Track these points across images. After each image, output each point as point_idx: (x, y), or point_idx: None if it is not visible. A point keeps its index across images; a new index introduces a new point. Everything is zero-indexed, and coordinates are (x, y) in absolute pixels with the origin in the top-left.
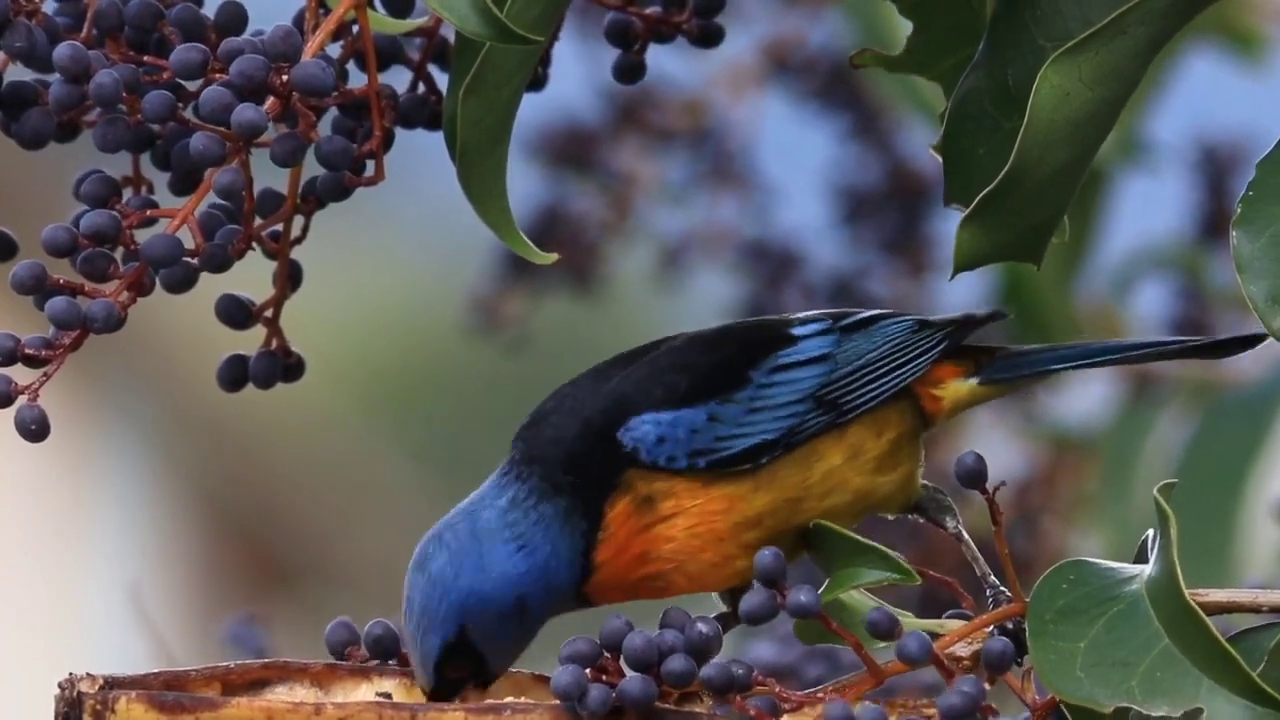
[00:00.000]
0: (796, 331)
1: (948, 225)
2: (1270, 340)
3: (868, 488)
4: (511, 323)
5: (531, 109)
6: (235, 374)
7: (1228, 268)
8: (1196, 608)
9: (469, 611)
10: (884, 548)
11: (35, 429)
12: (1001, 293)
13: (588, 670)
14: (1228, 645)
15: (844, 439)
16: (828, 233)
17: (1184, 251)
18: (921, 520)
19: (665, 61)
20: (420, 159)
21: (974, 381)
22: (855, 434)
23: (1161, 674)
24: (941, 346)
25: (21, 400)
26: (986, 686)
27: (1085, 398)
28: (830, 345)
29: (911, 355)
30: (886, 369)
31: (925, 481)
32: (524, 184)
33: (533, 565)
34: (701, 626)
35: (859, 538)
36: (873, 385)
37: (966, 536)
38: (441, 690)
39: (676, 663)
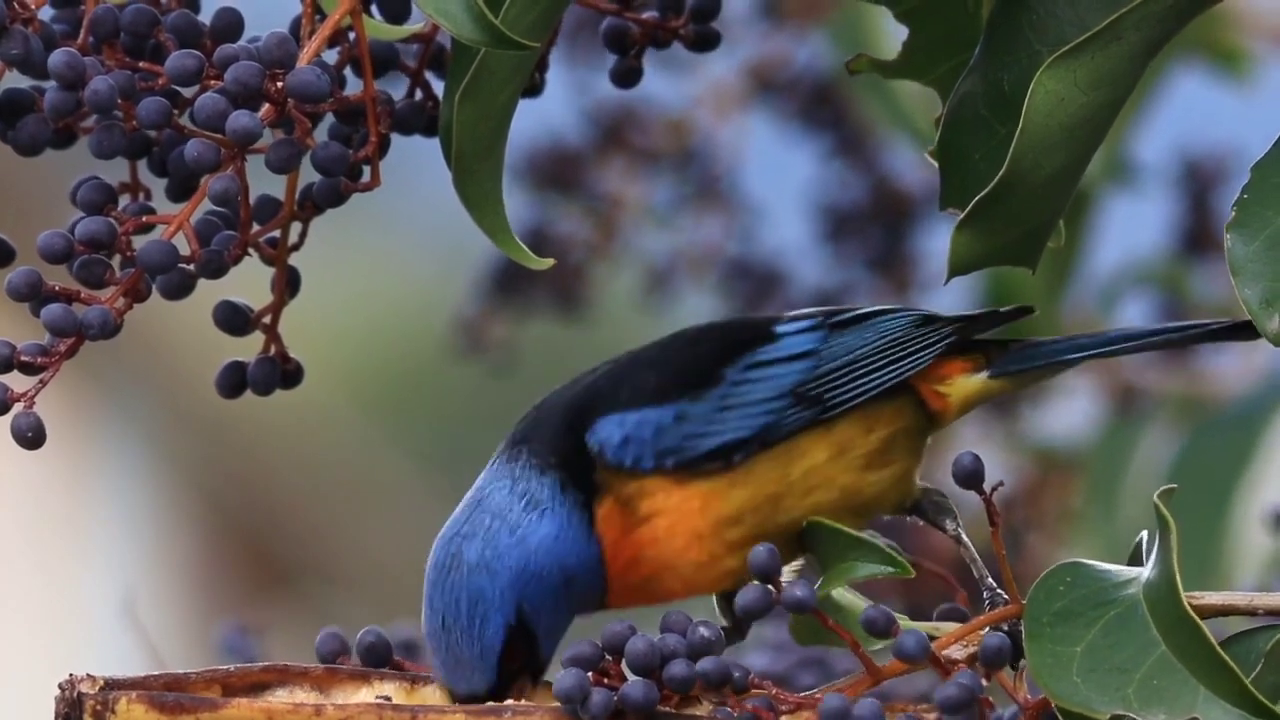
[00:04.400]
0: (780, 329)
1: (932, 243)
2: (1256, 357)
3: (855, 485)
4: (497, 345)
5: (516, 132)
6: (233, 380)
7: (1211, 283)
8: (1194, 616)
9: (524, 587)
10: (878, 541)
11: (31, 436)
12: (989, 307)
13: (590, 674)
14: (1224, 655)
15: (830, 435)
16: (812, 252)
17: (1168, 267)
18: (921, 522)
19: (650, 83)
20: (418, 160)
21: (984, 376)
22: (842, 430)
23: (1159, 681)
24: (945, 342)
25: (18, 408)
26: (984, 682)
27: (1070, 413)
28: (816, 342)
29: (910, 350)
30: (879, 364)
31: (925, 484)
32: (511, 207)
33: (559, 525)
34: (703, 630)
35: (853, 532)
36: (861, 380)
37: (965, 538)
38: (502, 689)
39: (678, 667)
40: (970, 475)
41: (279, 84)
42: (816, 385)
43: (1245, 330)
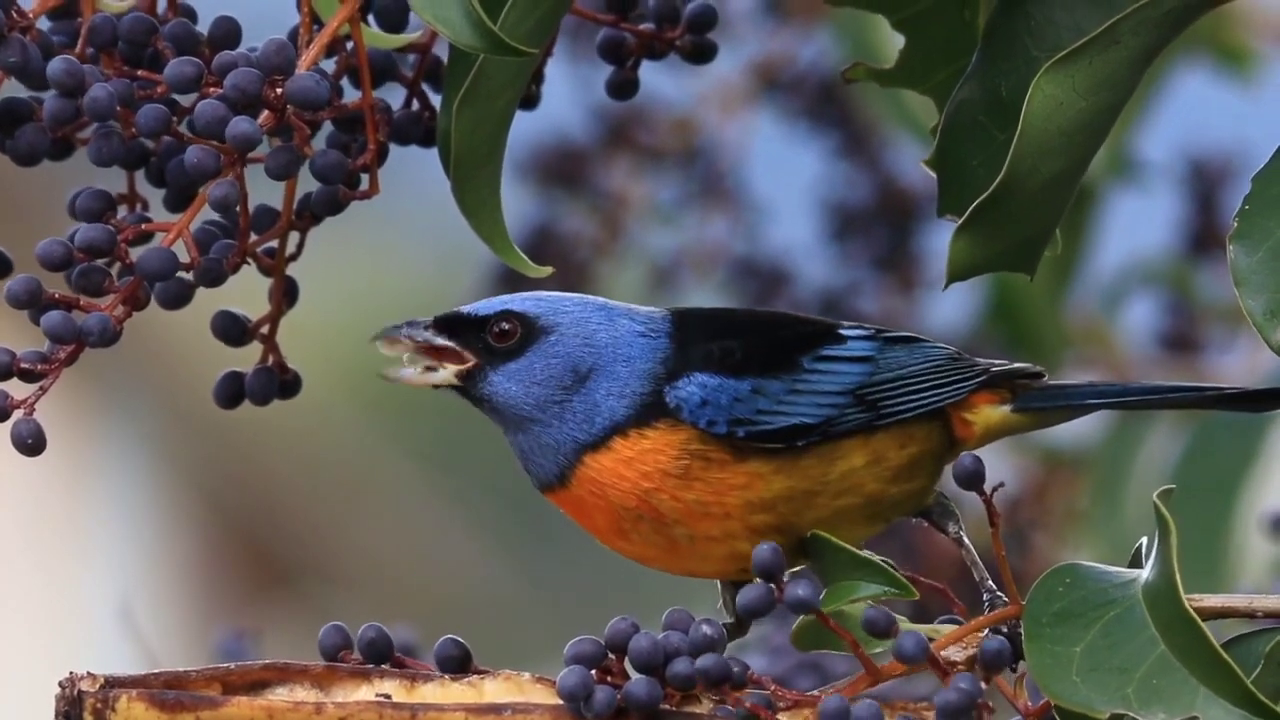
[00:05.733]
0: (844, 332)
1: (936, 241)
2: (1260, 358)
3: (880, 494)
4: None
5: (523, 129)
6: (231, 391)
7: (1216, 282)
8: (1194, 614)
9: (562, 313)
10: (882, 561)
11: (31, 443)
12: (992, 306)
13: (593, 671)
14: (1224, 653)
15: (869, 444)
16: (817, 250)
17: (1173, 266)
18: (925, 524)
19: (655, 81)
20: (418, 160)
21: (1007, 409)
22: (880, 441)
23: (1158, 680)
24: (980, 379)
25: (18, 414)
26: (983, 685)
27: None
28: (874, 350)
29: (952, 379)
30: (926, 385)
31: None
32: (516, 204)
33: (643, 349)
34: (706, 628)
35: (857, 551)
36: (912, 396)
37: (967, 541)
38: (475, 322)
39: (682, 665)
40: (971, 476)
41: (278, 91)
42: (873, 391)
43: (1262, 399)
